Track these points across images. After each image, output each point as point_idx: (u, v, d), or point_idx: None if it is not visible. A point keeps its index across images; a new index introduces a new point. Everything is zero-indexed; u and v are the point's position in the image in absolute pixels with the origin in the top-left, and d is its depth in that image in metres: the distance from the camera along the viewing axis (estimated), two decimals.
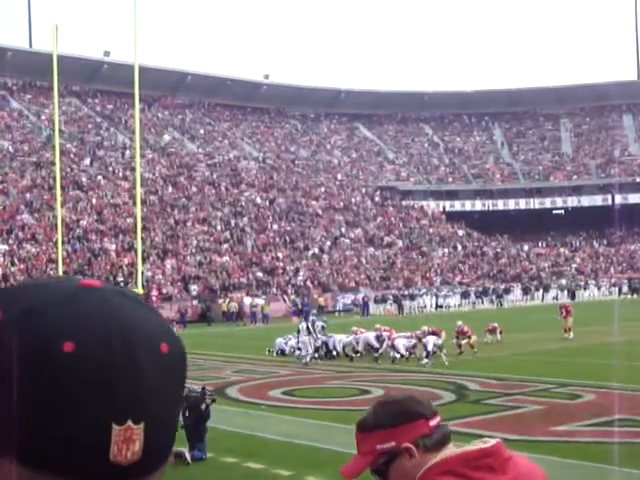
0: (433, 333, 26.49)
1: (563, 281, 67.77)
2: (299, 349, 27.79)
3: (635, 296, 61.92)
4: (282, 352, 29.47)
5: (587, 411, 16.35)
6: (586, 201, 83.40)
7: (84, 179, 62.12)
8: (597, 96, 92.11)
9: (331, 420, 16.18)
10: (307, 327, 27.24)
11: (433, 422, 2.27)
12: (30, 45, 79.06)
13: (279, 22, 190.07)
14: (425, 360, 24.76)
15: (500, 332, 31.07)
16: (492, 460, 2.18)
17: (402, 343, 26.10)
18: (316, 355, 27.70)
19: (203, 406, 13.84)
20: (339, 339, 28.86)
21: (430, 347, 25.15)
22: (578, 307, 35.18)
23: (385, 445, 2.22)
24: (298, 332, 27.74)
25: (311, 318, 29.67)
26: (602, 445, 13.41)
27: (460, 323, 28.29)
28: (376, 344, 26.83)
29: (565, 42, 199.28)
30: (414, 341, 26.03)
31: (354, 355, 27.51)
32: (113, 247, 53.41)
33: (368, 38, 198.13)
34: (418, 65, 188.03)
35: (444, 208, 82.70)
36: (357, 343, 27.93)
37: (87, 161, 65.68)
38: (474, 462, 2.17)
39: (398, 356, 25.70)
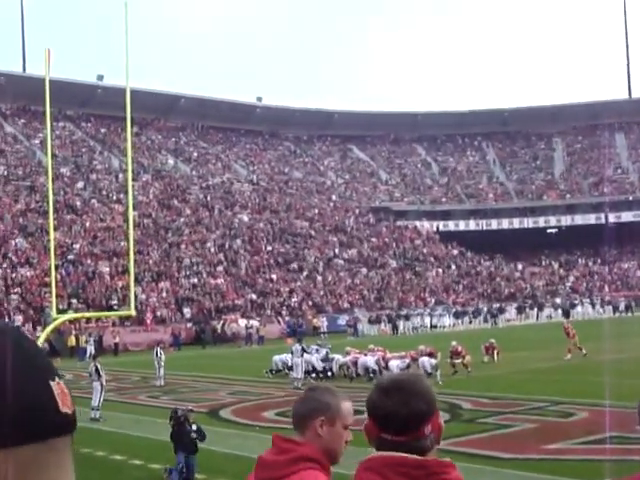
0: (429, 354, 26.53)
1: (557, 300, 67.84)
2: (290, 369, 27.90)
3: (630, 314, 61.97)
4: (278, 370, 29.48)
5: (580, 429, 16.38)
6: (579, 220, 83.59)
7: (78, 203, 62.17)
8: (589, 115, 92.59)
9: None
10: (302, 348, 27.26)
11: (387, 435, 2.33)
12: (24, 70, 79.30)
13: (272, 45, 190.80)
14: None
15: (498, 353, 31.11)
16: (422, 474, 2.23)
17: (396, 364, 26.10)
18: (313, 375, 27.81)
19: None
20: (336, 359, 28.94)
21: (428, 368, 25.26)
22: (573, 326, 35.21)
23: None
24: (292, 353, 27.75)
25: (325, 350, 29.62)
26: (594, 463, 13.44)
27: (454, 343, 28.36)
28: (374, 366, 26.86)
29: (557, 62, 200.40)
30: (407, 361, 26.07)
31: (353, 376, 27.53)
32: (107, 270, 53.38)
33: (360, 59, 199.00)
34: (411, 86, 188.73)
35: (438, 228, 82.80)
36: (354, 365, 27.92)
37: (81, 185, 65.73)
38: (401, 468, 2.23)
39: None
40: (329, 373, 28.44)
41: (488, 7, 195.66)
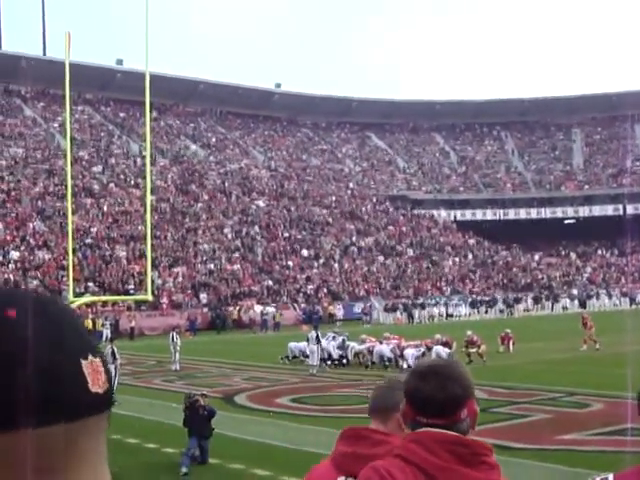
0: (445, 343, 26.50)
1: (574, 291, 67.58)
2: (306, 356, 28.03)
3: None
4: (294, 357, 29.61)
5: (595, 420, 16.33)
6: (597, 211, 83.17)
7: (96, 186, 62.35)
8: (609, 106, 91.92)
9: (339, 428, 16.12)
10: (317, 336, 27.31)
11: (423, 418, 2.37)
12: (44, 53, 79.46)
13: (291, 31, 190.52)
14: None
15: (513, 343, 31.10)
16: (467, 452, 2.29)
17: (411, 353, 26.10)
18: (328, 362, 27.91)
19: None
20: (351, 346, 28.98)
21: (443, 357, 25.23)
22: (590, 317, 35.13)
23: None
24: (307, 340, 27.86)
25: (342, 337, 29.54)
26: (610, 454, 13.38)
27: (470, 333, 28.35)
28: (389, 355, 26.90)
29: (577, 52, 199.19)
30: (423, 349, 26.07)
31: (368, 364, 27.58)
32: (124, 254, 53.56)
33: (379, 47, 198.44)
34: (430, 74, 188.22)
35: (455, 217, 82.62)
36: (370, 353, 27.93)
37: (99, 168, 65.90)
38: (448, 445, 2.28)
39: (405, 366, 25.67)
40: (344, 361, 28.50)
41: None
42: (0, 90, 74.63)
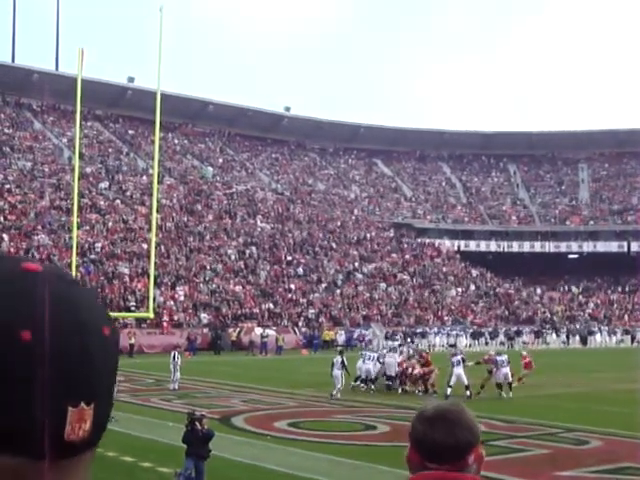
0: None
1: (576, 326, 67.38)
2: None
3: None
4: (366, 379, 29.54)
5: (594, 457, 16.23)
6: (602, 247, 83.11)
7: (102, 202, 62.43)
8: (616, 142, 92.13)
9: (336, 454, 16.12)
10: (342, 361, 27.17)
11: (432, 465, 2.28)
12: (56, 68, 79.84)
13: (302, 56, 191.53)
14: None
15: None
16: None
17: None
18: (364, 384, 28.58)
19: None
20: (387, 362, 29.41)
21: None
22: (589, 353, 35.06)
23: None
24: (332, 365, 27.58)
25: (376, 355, 29.82)
26: None
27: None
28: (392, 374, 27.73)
29: (586, 87, 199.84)
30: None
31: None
32: (127, 271, 53.54)
33: (389, 75, 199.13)
34: (439, 104, 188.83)
35: (459, 247, 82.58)
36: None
37: (106, 184, 66.01)
38: None
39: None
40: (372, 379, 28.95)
41: (518, 32, 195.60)
42: (11, 103, 74.95)
